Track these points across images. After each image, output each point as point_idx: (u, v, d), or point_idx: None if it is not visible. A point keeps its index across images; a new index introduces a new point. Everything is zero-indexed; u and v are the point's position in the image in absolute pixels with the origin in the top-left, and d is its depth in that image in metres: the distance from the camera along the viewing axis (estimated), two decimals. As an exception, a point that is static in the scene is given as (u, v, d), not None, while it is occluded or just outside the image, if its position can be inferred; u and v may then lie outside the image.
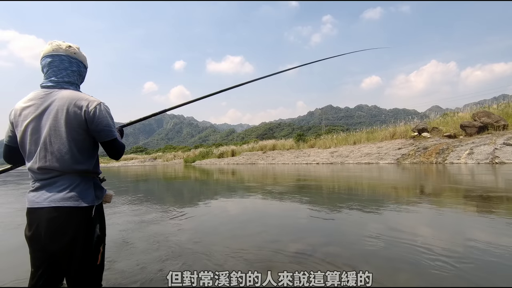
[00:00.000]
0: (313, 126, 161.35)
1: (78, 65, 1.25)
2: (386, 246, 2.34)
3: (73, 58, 1.23)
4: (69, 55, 1.22)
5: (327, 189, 6.42)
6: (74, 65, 1.24)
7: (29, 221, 1.13)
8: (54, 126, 1.13)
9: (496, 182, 6.17)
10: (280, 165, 19.03)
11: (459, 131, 14.37)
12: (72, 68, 1.23)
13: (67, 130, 1.13)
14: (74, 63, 1.24)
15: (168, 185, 9.31)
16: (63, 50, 1.21)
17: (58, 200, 1.10)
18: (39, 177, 1.14)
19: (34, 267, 1.12)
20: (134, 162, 45.13)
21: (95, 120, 1.15)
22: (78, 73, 1.26)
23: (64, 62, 1.21)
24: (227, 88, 2.09)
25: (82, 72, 1.29)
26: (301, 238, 2.66)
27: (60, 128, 1.12)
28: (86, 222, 1.14)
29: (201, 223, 3.46)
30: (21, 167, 1.39)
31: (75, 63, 1.24)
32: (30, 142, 1.14)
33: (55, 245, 1.08)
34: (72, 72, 1.23)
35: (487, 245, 2.28)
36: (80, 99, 1.16)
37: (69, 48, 1.23)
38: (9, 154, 1.27)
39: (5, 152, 1.27)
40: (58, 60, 1.20)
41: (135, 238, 2.82)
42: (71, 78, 1.22)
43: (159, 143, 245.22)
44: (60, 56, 1.20)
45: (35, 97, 1.16)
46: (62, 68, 1.20)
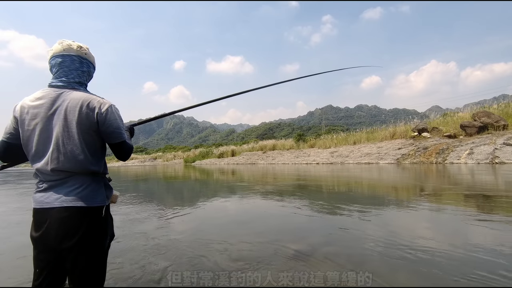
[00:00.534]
0: (313, 126, 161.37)
1: (88, 66, 1.26)
2: (386, 246, 2.34)
3: (84, 58, 1.23)
4: (80, 55, 1.22)
5: (327, 189, 6.42)
6: (85, 66, 1.24)
7: (37, 221, 1.12)
8: (66, 127, 1.12)
9: (496, 182, 6.17)
10: (280, 165, 19.03)
11: (459, 131, 14.37)
12: (82, 69, 1.22)
13: (79, 132, 1.12)
14: (84, 63, 1.24)
15: (168, 185, 9.31)
16: (74, 50, 1.21)
17: (70, 200, 1.10)
18: (49, 178, 1.13)
19: (38, 268, 1.11)
20: (134, 162, 45.13)
21: (106, 122, 1.16)
22: (88, 74, 1.26)
23: (75, 62, 1.20)
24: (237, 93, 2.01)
25: (91, 72, 1.30)
26: (301, 238, 2.67)
27: (72, 129, 1.12)
28: (97, 222, 1.15)
29: (201, 223, 3.46)
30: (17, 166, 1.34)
31: (85, 63, 1.24)
32: (39, 142, 1.13)
33: (65, 245, 1.08)
34: (82, 72, 1.23)
35: (487, 245, 2.29)
36: (92, 100, 1.16)
37: (80, 49, 1.23)
38: (6, 151, 1.21)
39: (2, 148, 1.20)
40: (69, 60, 1.19)
41: (134, 238, 2.82)
42: (81, 79, 1.22)
43: (159, 143, 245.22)
44: (71, 57, 1.20)
45: (45, 96, 1.14)
46: (73, 68, 1.20)
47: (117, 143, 1.21)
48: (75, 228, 1.09)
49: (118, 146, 1.22)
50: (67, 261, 1.10)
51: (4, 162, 1.31)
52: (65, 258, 1.10)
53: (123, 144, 1.23)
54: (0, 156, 1.25)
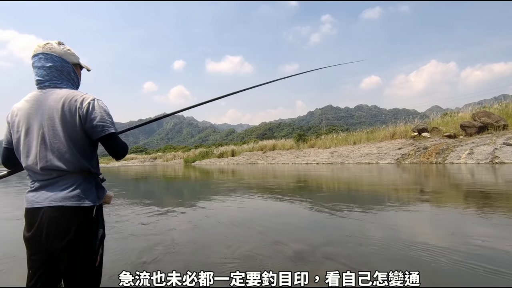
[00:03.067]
0: (313, 126, 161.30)
1: (53, 61, 1.19)
2: (386, 246, 2.34)
3: (48, 54, 1.19)
4: (44, 52, 1.19)
5: (327, 189, 6.42)
6: (49, 61, 1.18)
7: (29, 221, 1.11)
8: (51, 125, 1.11)
9: (496, 182, 6.17)
10: (280, 165, 19.03)
11: (459, 131, 14.37)
12: (47, 64, 1.18)
13: (64, 129, 1.11)
14: (49, 59, 1.18)
15: (168, 185, 9.31)
16: (41, 48, 1.19)
17: (60, 199, 1.09)
18: (40, 178, 1.13)
19: (32, 269, 1.10)
20: (134, 162, 45.13)
21: (88, 116, 1.13)
22: (56, 69, 1.19)
23: (41, 60, 1.18)
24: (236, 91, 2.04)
25: (59, 67, 1.20)
26: (301, 238, 2.66)
27: (57, 127, 1.11)
28: (88, 222, 1.13)
29: (201, 223, 3.46)
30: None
31: (49, 58, 1.19)
32: (27, 143, 1.13)
33: (56, 245, 1.07)
34: (48, 68, 1.17)
35: (488, 245, 2.29)
36: (74, 97, 1.14)
37: (45, 45, 1.20)
38: (8, 157, 1.24)
39: (4, 155, 1.25)
40: (37, 59, 1.18)
41: (133, 237, 2.82)
42: (51, 75, 1.18)
43: (159, 143, 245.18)
44: (38, 55, 1.18)
45: (31, 97, 1.16)
46: (40, 66, 1.18)
47: (103, 136, 1.15)
48: (66, 228, 1.08)
49: (107, 140, 1.16)
50: (60, 262, 1.09)
51: (8, 169, 1.32)
52: (58, 258, 1.09)
53: (111, 138, 1.17)
54: (4, 162, 1.28)
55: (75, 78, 1.28)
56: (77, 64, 1.30)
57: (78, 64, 1.30)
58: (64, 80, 1.21)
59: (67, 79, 1.23)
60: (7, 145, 1.22)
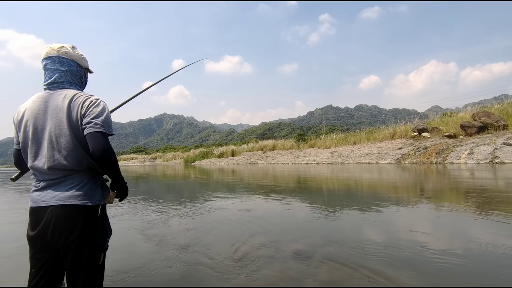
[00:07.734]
0: (313, 126, 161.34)
1: (69, 65, 1.24)
2: (386, 246, 2.34)
3: (64, 58, 1.23)
4: (59, 55, 1.22)
5: (327, 189, 6.41)
6: (65, 65, 1.23)
7: (34, 220, 1.12)
8: (58, 125, 1.13)
9: (496, 182, 6.17)
10: (280, 165, 19.03)
11: (459, 131, 14.38)
12: (63, 68, 1.22)
13: (70, 129, 1.13)
14: (65, 63, 1.23)
15: (168, 185, 9.31)
16: (55, 51, 1.22)
17: (67, 198, 1.10)
18: (46, 177, 1.14)
19: (35, 268, 1.11)
20: (134, 162, 45.15)
21: (87, 113, 1.14)
22: (71, 73, 1.24)
23: (56, 63, 1.21)
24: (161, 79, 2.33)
25: (75, 71, 1.26)
26: (301, 238, 2.66)
27: (63, 127, 1.13)
28: (93, 220, 1.15)
29: (201, 223, 3.46)
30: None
31: (65, 62, 1.23)
32: (34, 143, 1.15)
33: (62, 243, 1.08)
34: (64, 72, 1.22)
35: (488, 245, 2.28)
36: (80, 97, 1.17)
37: (60, 49, 1.23)
38: (19, 158, 1.27)
39: (16, 157, 1.29)
40: (51, 62, 1.21)
41: (135, 237, 2.82)
42: (64, 79, 1.22)
43: (159, 143, 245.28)
44: (52, 58, 1.21)
45: (37, 99, 1.18)
46: (54, 69, 1.21)
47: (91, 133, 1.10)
48: (72, 226, 1.09)
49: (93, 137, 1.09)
50: (65, 260, 1.10)
51: (20, 170, 1.35)
52: (62, 257, 1.10)
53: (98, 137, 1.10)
54: (16, 163, 1.32)
55: (84, 81, 1.34)
56: (86, 68, 1.35)
57: (87, 68, 1.36)
58: (74, 83, 1.25)
59: (77, 82, 1.28)
60: (18, 147, 1.24)
